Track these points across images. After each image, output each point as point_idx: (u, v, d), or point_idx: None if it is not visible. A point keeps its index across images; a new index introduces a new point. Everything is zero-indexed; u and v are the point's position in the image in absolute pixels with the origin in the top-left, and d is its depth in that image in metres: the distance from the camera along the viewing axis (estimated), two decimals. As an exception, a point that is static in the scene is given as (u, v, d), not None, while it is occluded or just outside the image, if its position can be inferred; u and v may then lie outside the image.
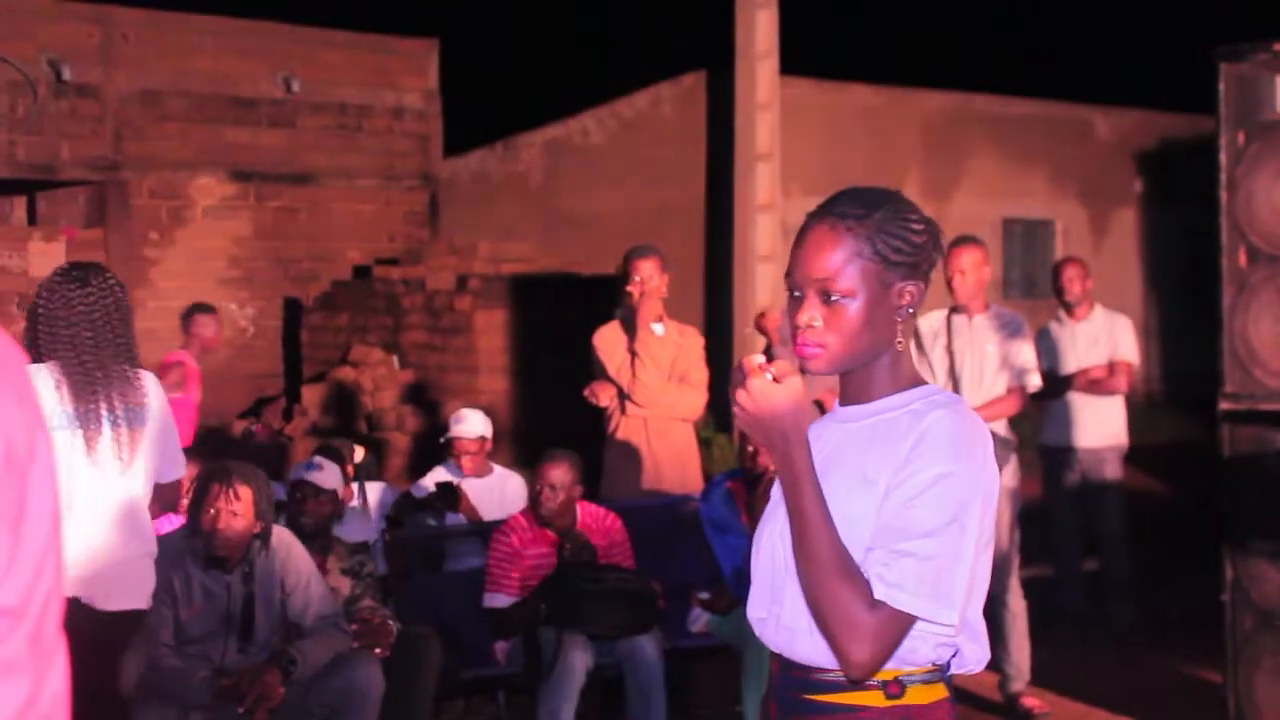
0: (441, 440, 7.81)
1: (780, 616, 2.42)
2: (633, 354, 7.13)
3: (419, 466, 12.20)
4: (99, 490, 4.50)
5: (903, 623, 2.28)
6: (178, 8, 16.34)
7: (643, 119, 16.93)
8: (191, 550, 5.08)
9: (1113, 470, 8.47)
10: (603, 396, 7.24)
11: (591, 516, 6.43)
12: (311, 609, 5.16)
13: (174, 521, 5.62)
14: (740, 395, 2.34)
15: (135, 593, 4.53)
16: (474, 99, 17.68)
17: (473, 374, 15.01)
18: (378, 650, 5.45)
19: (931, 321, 6.99)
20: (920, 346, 6.93)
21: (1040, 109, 18.33)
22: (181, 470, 4.88)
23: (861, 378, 2.46)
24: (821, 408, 7.49)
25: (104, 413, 4.53)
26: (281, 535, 5.25)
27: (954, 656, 2.41)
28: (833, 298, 2.38)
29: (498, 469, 7.67)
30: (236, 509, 5.00)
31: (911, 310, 2.43)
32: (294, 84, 16.80)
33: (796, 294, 2.42)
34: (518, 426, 14.56)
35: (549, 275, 15.47)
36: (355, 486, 7.27)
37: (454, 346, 15.14)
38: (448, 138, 18.19)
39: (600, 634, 5.98)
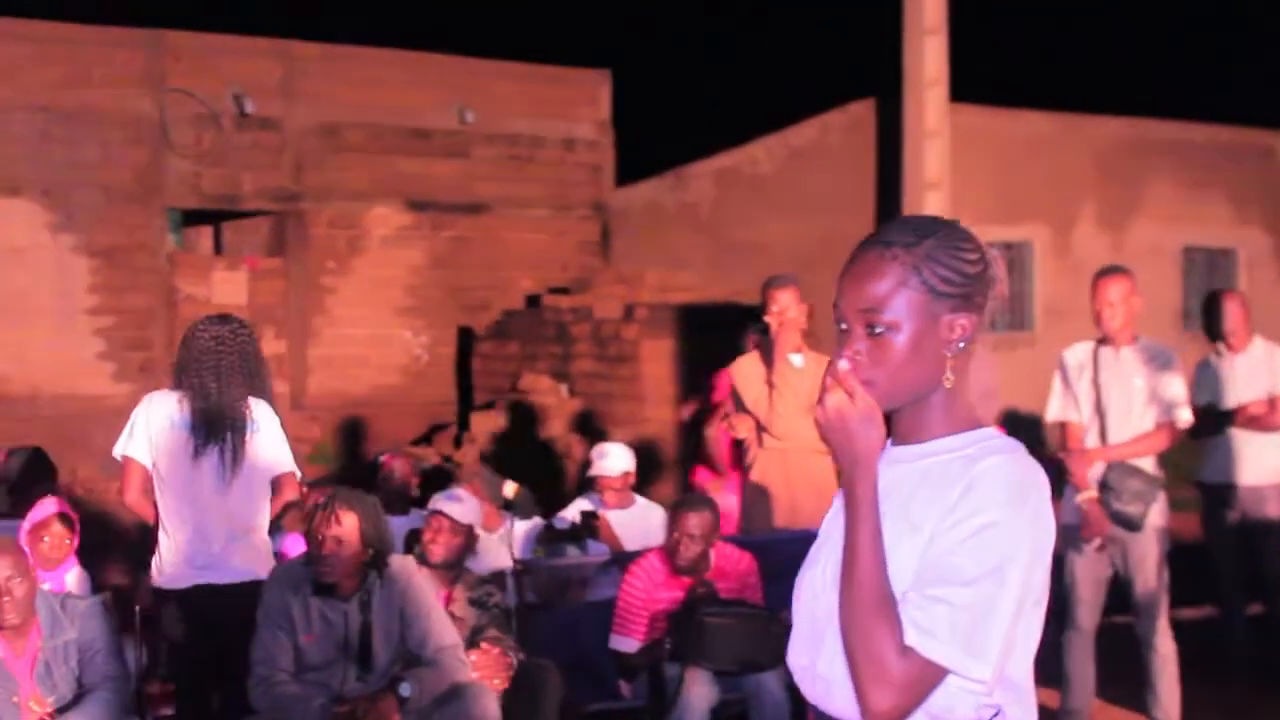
0: (586, 475, 7.84)
1: (817, 665, 2.30)
2: (770, 385, 7.08)
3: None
4: (211, 494, 5.39)
5: (932, 673, 2.15)
6: (356, 42, 16.71)
7: (812, 148, 16.85)
8: (310, 578, 5.15)
9: (1274, 508, 8.15)
10: (740, 428, 7.20)
11: (726, 559, 6.36)
12: (431, 640, 5.19)
13: (292, 546, 5.71)
14: (818, 412, 2.25)
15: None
16: (645, 129, 17.76)
17: (639, 403, 15.05)
18: (496, 682, 5.46)
19: (1077, 354, 6.80)
20: (1065, 379, 6.76)
21: (1220, 134, 17.83)
22: (285, 467, 5.64)
23: (913, 416, 2.32)
24: None
25: (217, 433, 5.44)
26: (403, 564, 5.29)
27: (996, 719, 2.29)
28: (877, 330, 2.25)
29: (640, 500, 7.67)
30: (340, 535, 5.05)
31: (963, 345, 2.28)
32: (468, 115, 17.07)
33: (843, 326, 2.29)
34: (683, 455, 14.55)
35: (716, 305, 15.45)
36: (507, 517, 7.37)
37: (621, 375, 15.20)
38: (619, 167, 18.31)
39: (724, 669, 5.92)
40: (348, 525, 5.06)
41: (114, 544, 9.92)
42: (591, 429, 14.78)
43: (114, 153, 15.20)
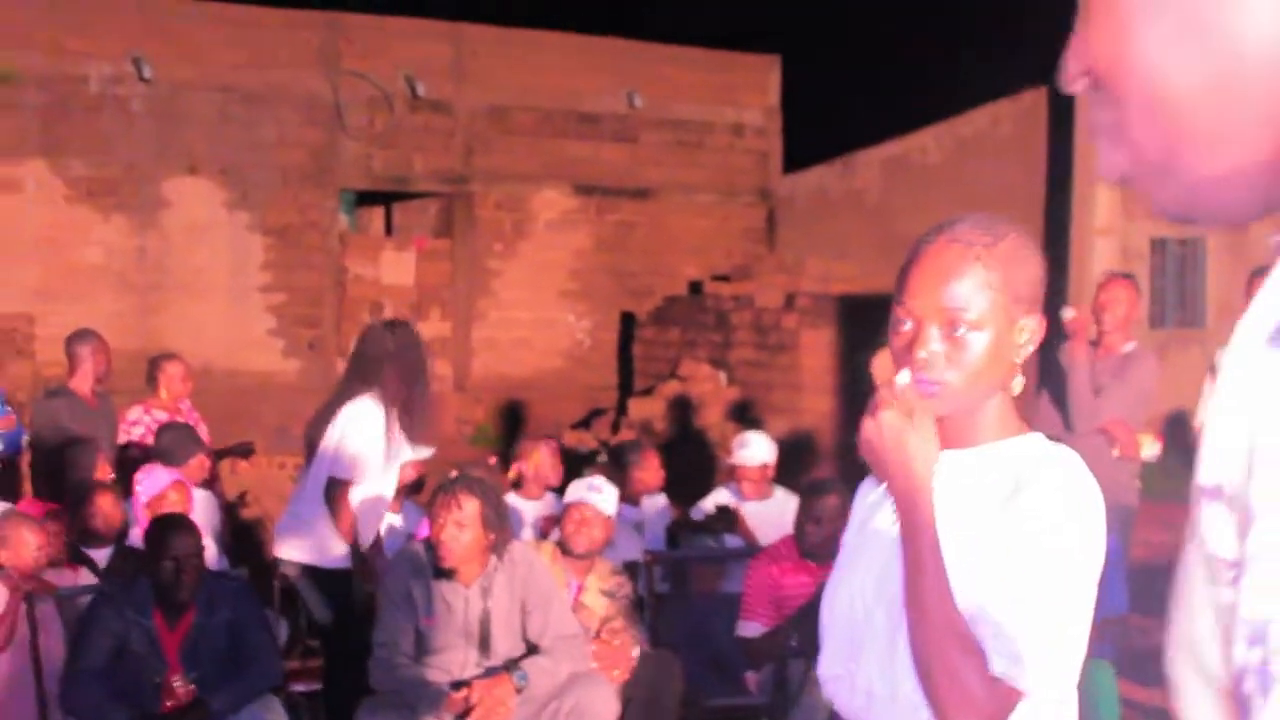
0: (728, 464, 7.82)
1: (856, 677, 2.25)
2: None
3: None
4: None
5: (1016, 700, 2.11)
6: (526, 25, 16.84)
7: (981, 137, 16.60)
8: (431, 561, 5.21)
9: None
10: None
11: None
12: (551, 628, 5.23)
13: (423, 529, 5.80)
14: (868, 425, 2.15)
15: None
16: (814, 115, 17.62)
17: (797, 392, 14.98)
18: (615, 673, 5.48)
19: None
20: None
21: None
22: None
23: (965, 421, 2.22)
24: None
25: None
26: (524, 551, 5.33)
27: None
28: (959, 330, 2.16)
29: (779, 491, 7.63)
30: (462, 520, 5.09)
31: (1031, 349, 2.21)
32: (637, 99, 17.11)
33: (908, 325, 2.19)
34: (841, 446, 14.45)
35: (878, 296, 15.30)
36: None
37: (780, 364, 15.14)
38: (787, 154, 18.22)
39: (851, 669, 5.85)
40: (469, 511, 5.10)
41: (261, 521, 10.15)
42: (749, 418, 14.74)
43: (290, 133, 15.52)
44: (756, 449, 7.62)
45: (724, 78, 17.72)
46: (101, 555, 6.28)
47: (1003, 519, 2.15)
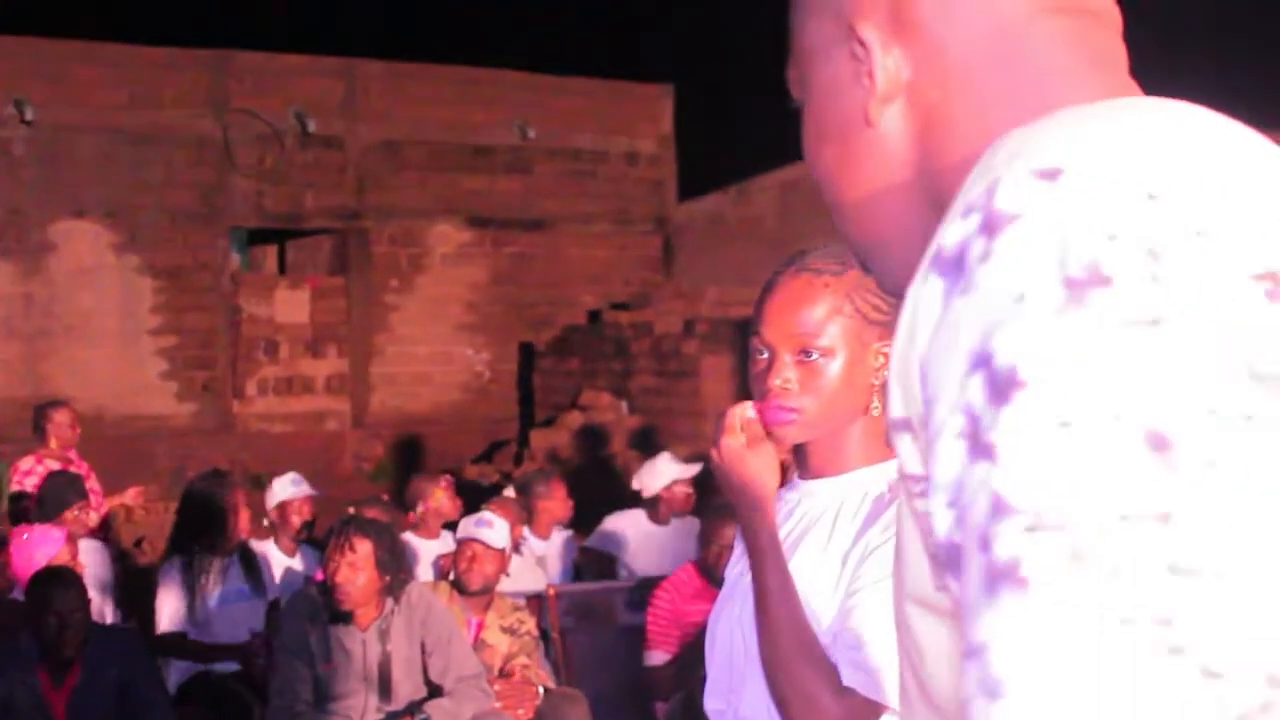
0: (645, 493, 7.76)
1: (739, 710, 2.24)
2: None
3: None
4: None
5: (871, 713, 2.09)
6: (417, 59, 16.75)
7: (875, 160, 16.70)
8: (327, 605, 5.11)
9: None
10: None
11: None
12: (452, 670, 5.14)
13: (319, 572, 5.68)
14: (713, 454, 2.23)
15: None
16: (708, 143, 17.67)
17: (699, 419, 14.96)
18: (520, 712, 5.40)
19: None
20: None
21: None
22: None
23: (827, 447, 2.26)
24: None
25: None
26: (422, 592, 5.24)
27: None
28: (812, 356, 2.21)
29: (674, 517, 7.59)
30: (356, 562, 5.01)
31: (887, 373, 2.22)
32: (529, 131, 17.06)
33: (763, 354, 2.26)
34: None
35: (777, 320, 15.34)
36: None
37: (680, 391, 15.13)
38: (682, 182, 18.24)
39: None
40: (362, 553, 5.01)
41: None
42: (651, 446, 14.71)
43: (178, 173, 15.31)
44: (669, 472, 7.61)
45: (617, 107, 17.72)
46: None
47: (868, 543, 2.16)
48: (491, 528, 5.97)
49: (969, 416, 0.83)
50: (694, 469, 7.63)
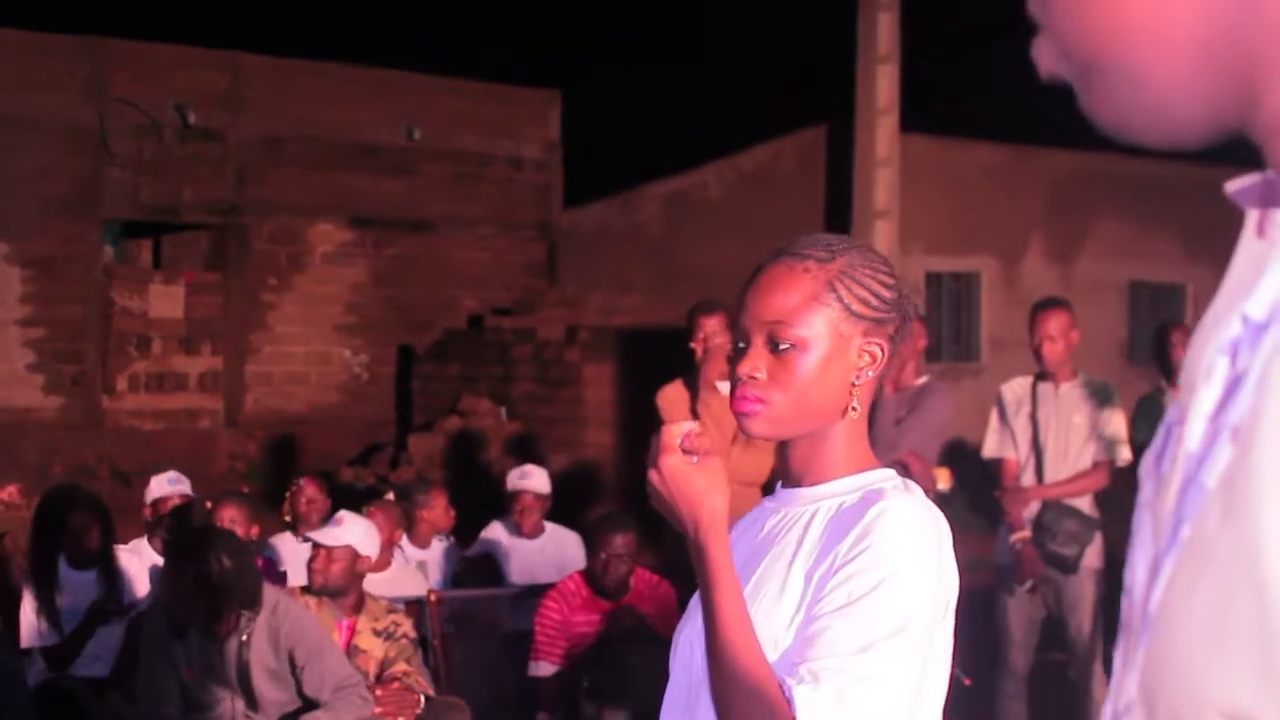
0: (508, 491, 7.62)
1: None
2: (694, 415, 6.89)
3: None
4: None
5: None
6: (304, 55, 16.48)
7: (763, 173, 16.72)
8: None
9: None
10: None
11: (645, 583, 6.20)
12: (326, 680, 4.97)
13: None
14: (653, 475, 2.01)
15: None
16: (595, 151, 17.58)
17: (580, 426, 14.87)
18: (400, 718, 5.25)
19: (1015, 388, 6.63)
20: (1002, 415, 6.59)
21: (1172, 170, 17.81)
22: None
23: (807, 452, 2.09)
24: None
25: None
26: (285, 602, 5.05)
27: None
28: (781, 346, 2.02)
29: (550, 527, 7.48)
30: (186, 589, 4.81)
31: (871, 374, 2.06)
32: (415, 132, 16.87)
33: (741, 345, 2.07)
34: (623, 482, 14.36)
35: (661, 328, 15.27)
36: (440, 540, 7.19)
37: (562, 398, 15.01)
38: (568, 189, 18.13)
39: (645, 712, 5.72)
40: (188, 578, 4.80)
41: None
42: (530, 453, 14.57)
43: (52, 161, 14.91)
44: (538, 479, 7.49)
45: (504, 111, 17.56)
46: None
47: (839, 559, 1.97)
48: (339, 525, 5.71)
49: None
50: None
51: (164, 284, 16.26)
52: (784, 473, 2.14)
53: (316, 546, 5.51)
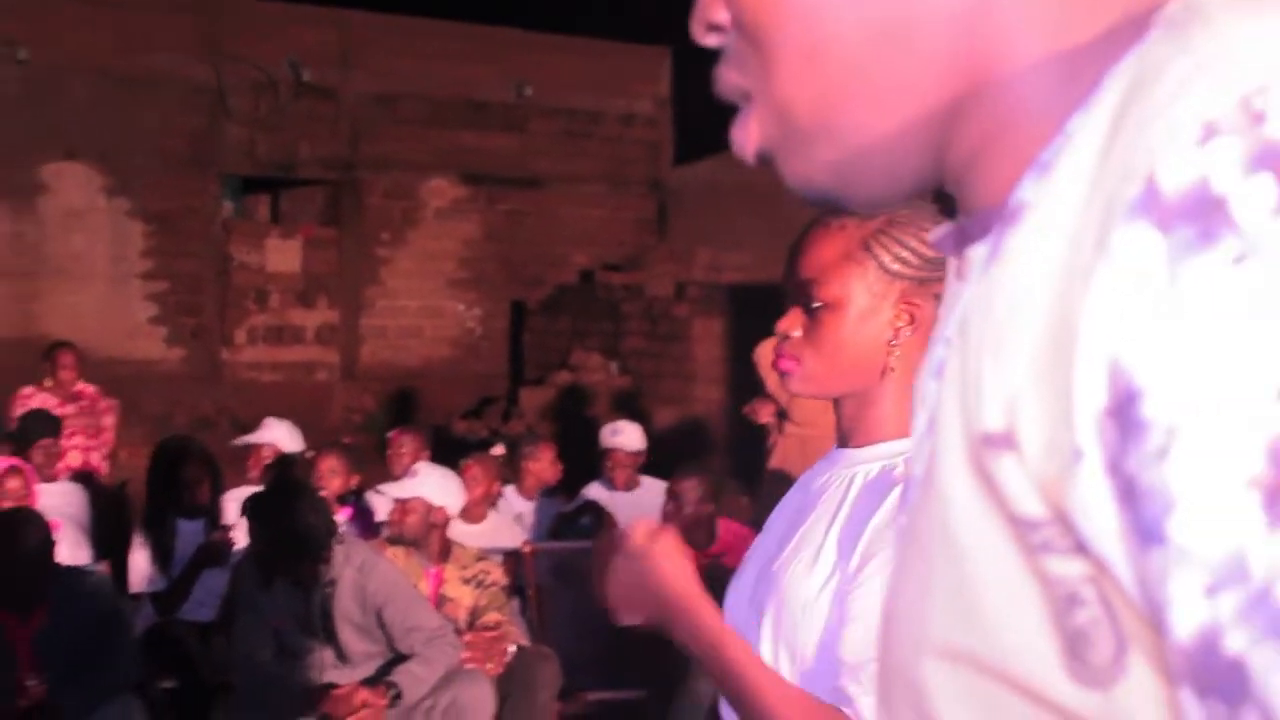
0: (601, 449, 7.73)
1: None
2: (788, 371, 6.94)
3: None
4: None
5: None
6: (415, 13, 16.63)
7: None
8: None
9: None
10: (762, 413, 7.08)
11: (733, 535, 6.26)
12: (414, 630, 5.08)
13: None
14: (612, 580, 1.94)
15: None
16: (705, 107, 17.56)
17: (689, 382, 14.93)
18: (489, 666, 5.37)
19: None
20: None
21: None
22: None
23: (853, 413, 2.03)
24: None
25: None
26: (366, 555, 5.17)
27: None
28: (815, 305, 1.98)
29: (646, 480, 7.56)
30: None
31: (910, 334, 1.99)
32: (526, 89, 16.97)
33: (788, 303, 2.03)
34: (731, 437, 14.42)
35: (769, 285, 15.26)
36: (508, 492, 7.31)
37: (671, 354, 15.08)
38: (678, 145, 18.15)
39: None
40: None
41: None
42: (639, 407, 14.67)
43: (171, 118, 15.21)
44: (630, 436, 7.57)
45: (614, 68, 17.61)
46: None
47: (870, 538, 1.93)
48: (415, 477, 5.79)
49: (1276, 461, 0.55)
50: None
51: (281, 239, 16.53)
52: (837, 432, 2.10)
53: (397, 500, 5.64)
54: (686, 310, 14.91)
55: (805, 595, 1.97)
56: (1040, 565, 0.64)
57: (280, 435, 7.24)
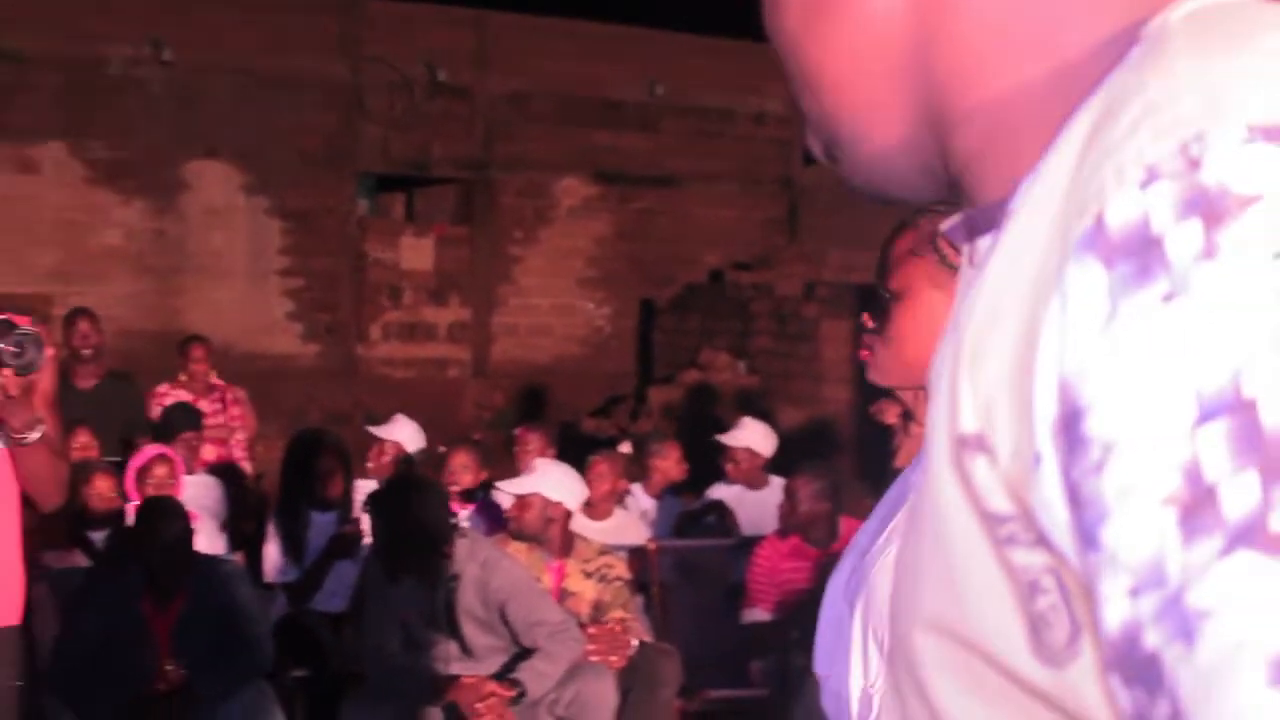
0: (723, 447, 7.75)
1: (834, 680, 2.14)
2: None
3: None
4: None
5: None
6: (549, 13, 16.76)
7: (1006, 128, 16.46)
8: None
9: None
10: (888, 414, 7.04)
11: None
12: (541, 629, 5.15)
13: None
14: None
15: None
16: (837, 105, 17.50)
17: (817, 382, 14.90)
18: (613, 659, 5.42)
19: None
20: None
21: None
22: None
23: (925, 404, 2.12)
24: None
25: None
26: (488, 551, 5.24)
27: None
28: (885, 296, 2.07)
29: (775, 479, 7.57)
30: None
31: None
32: (658, 88, 17.03)
33: None
34: (859, 437, 14.37)
35: (899, 286, 15.20)
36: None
37: (800, 354, 15.06)
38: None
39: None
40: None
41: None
42: (766, 407, 14.66)
43: (309, 118, 15.48)
44: (747, 434, 7.59)
45: (747, 67, 17.58)
46: (100, 538, 6.25)
47: None
48: (534, 473, 5.82)
49: (1191, 481, 0.61)
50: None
51: (415, 236, 16.75)
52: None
53: (517, 496, 5.71)
54: (816, 310, 14.88)
55: (889, 587, 2.00)
56: (1006, 556, 0.71)
57: (405, 435, 7.36)
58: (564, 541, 5.74)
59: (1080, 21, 0.77)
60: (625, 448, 8.06)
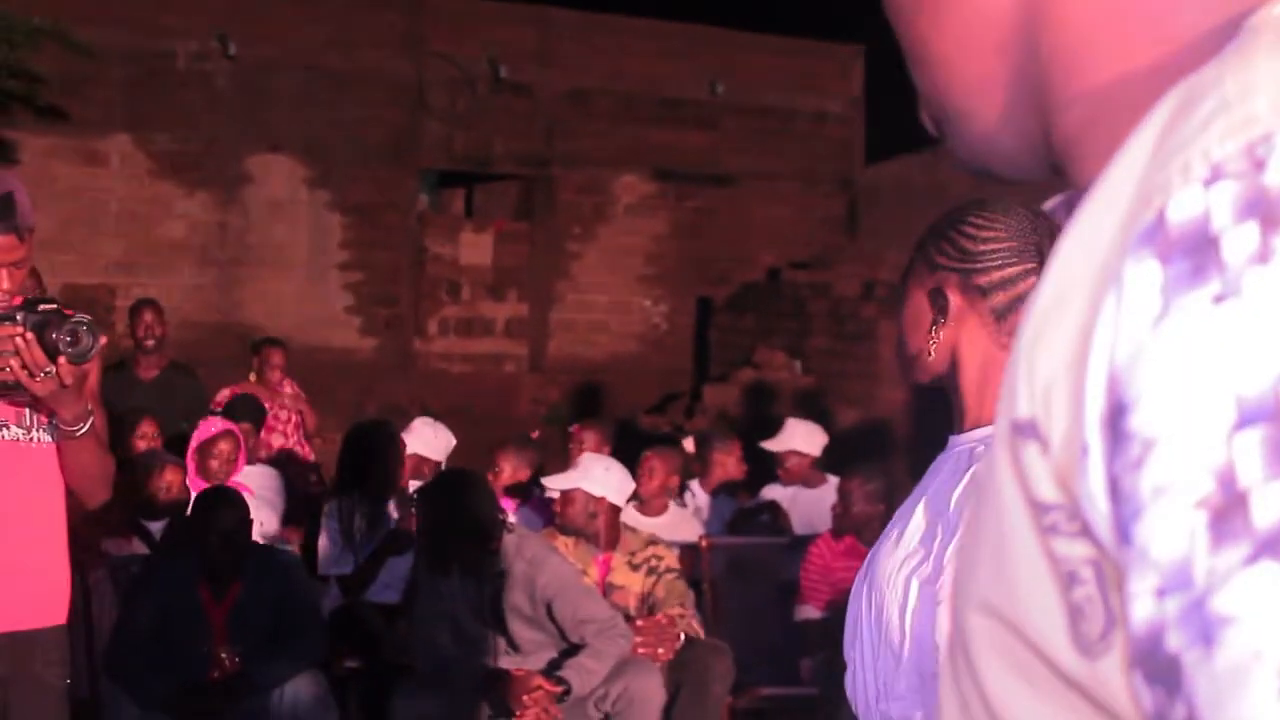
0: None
1: (857, 666, 2.21)
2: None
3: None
4: None
5: None
6: (610, 10, 16.80)
7: (1068, 130, 16.37)
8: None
9: None
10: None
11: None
12: (589, 625, 5.18)
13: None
14: None
15: None
16: (898, 106, 17.46)
17: (874, 382, 14.87)
18: (660, 652, 5.44)
19: None
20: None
21: None
22: None
23: (951, 401, 2.12)
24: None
25: None
26: (537, 546, 5.27)
27: None
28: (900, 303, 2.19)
29: (831, 478, 7.59)
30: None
31: (944, 321, 2.07)
32: (719, 87, 17.04)
33: None
34: (915, 439, 14.34)
35: (958, 287, 15.14)
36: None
37: (857, 354, 15.04)
38: (870, 144, 18.07)
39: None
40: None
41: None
42: (822, 407, 14.65)
43: (372, 113, 15.59)
44: (789, 436, 7.61)
45: (807, 66, 17.60)
46: (159, 527, 6.33)
47: (944, 528, 2.00)
48: (578, 468, 5.85)
49: (1224, 486, 0.61)
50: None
51: (474, 232, 16.84)
52: None
53: (563, 491, 5.75)
54: (874, 310, 14.84)
55: (887, 571, 2.06)
56: (1049, 545, 0.71)
57: (422, 444, 7.37)
58: (610, 535, 5.77)
59: (1192, 8, 0.76)
60: (689, 444, 8.09)
